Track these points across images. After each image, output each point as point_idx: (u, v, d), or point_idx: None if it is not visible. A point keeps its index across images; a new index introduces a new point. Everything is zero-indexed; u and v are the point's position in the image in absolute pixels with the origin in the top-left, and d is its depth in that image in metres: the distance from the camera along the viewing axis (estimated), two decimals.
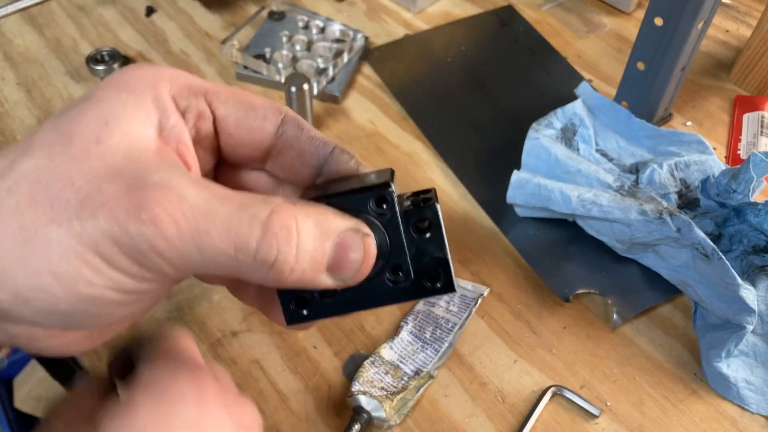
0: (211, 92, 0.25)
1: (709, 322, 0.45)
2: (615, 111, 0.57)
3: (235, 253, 0.21)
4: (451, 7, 0.73)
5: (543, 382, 0.43)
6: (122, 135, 0.21)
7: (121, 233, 0.20)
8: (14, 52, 0.67)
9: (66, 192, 0.20)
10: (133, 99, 0.23)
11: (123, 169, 0.21)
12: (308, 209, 0.22)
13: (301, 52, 0.65)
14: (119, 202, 0.20)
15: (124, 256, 0.20)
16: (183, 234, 0.20)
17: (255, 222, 0.21)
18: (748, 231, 0.48)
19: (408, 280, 0.26)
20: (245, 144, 0.26)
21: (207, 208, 0.20)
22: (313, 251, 0.22)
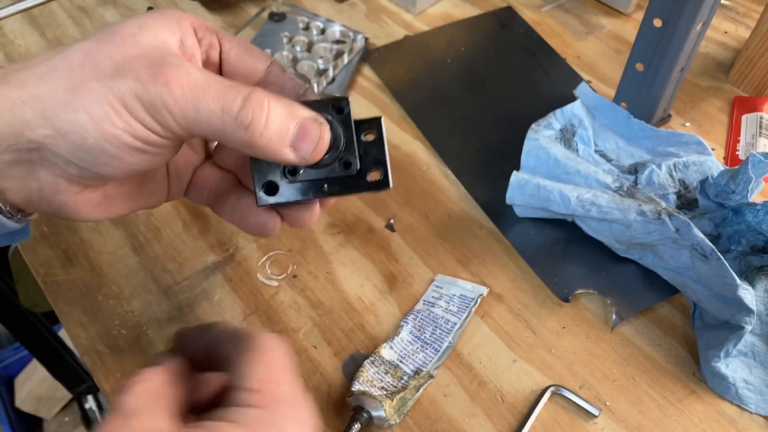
0: (222, 34, 0.34)
1: (707, 322, 0.45)
2: (614, 112, 0.57)
3: (221, 113, 0.28)
4: (450, 9, 0.73)
5: (542, 382, 0.44)
6: (153, 36, 0.29)
7: (143, 90, 0.27)
8: (15, 53, 0.67)
9: (106, 62, 0.28)
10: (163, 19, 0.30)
11: (150, 53, 0.28)
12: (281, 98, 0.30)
13: (302, 53, 0.65)
14: (144, 70, 0.28)
15: (142, 107, 0.28)
16: (186, 95, 0.28)
17: (239, 95, 0.28)
18: (747, 231, 0.48)
19: (355, 171, 0.33)
20: (241, 74, 0.34)
21: (206, 82, 0.28)
22: (280, 125, 0.29)
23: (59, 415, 1.21)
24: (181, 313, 0.47)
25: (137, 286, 0.48)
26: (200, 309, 0.47)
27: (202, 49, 0.33)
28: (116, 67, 0.28)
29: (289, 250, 0.51)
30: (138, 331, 0.46)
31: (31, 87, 0.28)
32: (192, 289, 0.48)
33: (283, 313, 0.47)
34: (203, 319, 0.47)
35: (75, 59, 0.28)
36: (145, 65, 0.28)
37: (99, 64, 0.28)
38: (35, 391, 1.18)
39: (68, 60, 0.28)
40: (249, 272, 0.49)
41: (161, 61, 0.28)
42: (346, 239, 0.51)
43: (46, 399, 1.19)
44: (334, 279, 0.49)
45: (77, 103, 0.27)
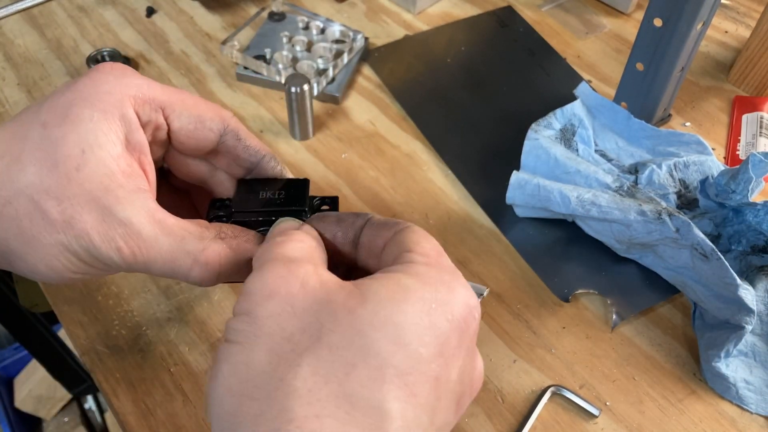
0: (168, 106, 0.32)
1: (708, 322, 0.45)
2: (614, 111, 0.57)
3: (171, 275, 0.30)
4: (450, 8, 0.73)
5: (542, 382, 0.44)
6: (97, 163, 0.28)
7: (95, 251, 0.28)
8: (15, 53, 0.67)
9: (53, 212, 0.27)
10: (104, 120, 0.29)
11: (98, 197, 0.28)
12: (232, 243, 0.31)
13: (301, 52, 0.65)
14: (94, 230, 0.28)
15: (96, 260, 0.29)
16: (137, 260, 0.29)
17: (188, 257, 0.29)
18: (747, 231, 0.48)
19: None
20: (191, 148, 0.34)
21: (156, 242, 0.29)
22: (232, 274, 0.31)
23: (59, 415, 1.21)
24: (180, 313, 0.47)
25: (137, 286, 0.48)
26: (200, 309, 0.47)
27: (148, 133, 0.31)
28: (65, 220, 0.28)
29: None
30: (137, 331, 0.46)
31: None
32: (192, 289, 0.48)
33: None
34: (203, 320, 0.47)
35: (21, 207, 0.28)
36: (95, 222, 0.28)
37: (46, 214, 0.27)
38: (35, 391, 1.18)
39: (12, 206, 0.28)
40: None
41: (110, 215, 0.28)
42: None
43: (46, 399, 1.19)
44: None
45: (31, 257, 0.28)
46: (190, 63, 0.66)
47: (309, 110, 0.57)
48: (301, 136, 0.59)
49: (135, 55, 0.67)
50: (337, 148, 0.58)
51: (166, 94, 0.32)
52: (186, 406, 0.42)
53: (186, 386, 0.43)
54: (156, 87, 0.32)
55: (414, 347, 0.23)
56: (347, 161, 0.57)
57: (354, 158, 0.57)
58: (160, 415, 0.42)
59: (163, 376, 0.44)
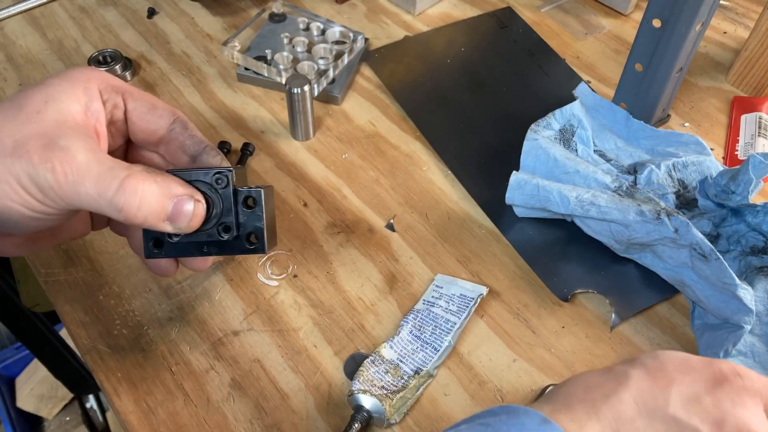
0: (127, 92, 0.37)
1: (707, 321, 0.45)
2: (613, 112, 0.57)
3: (98, 197, 0.32)
4: (450, 9, 0.73)
5: (542, 381, 0.44)
6: (55, 110, 0.32)
7: (33, 172, 0.31)
8: (16, 54, 0.67)
9: (8, 140, 0.31)
10: (70, 87, 0.34)
11: (48, 132, 0.32)
12: (158, 177, 0.33)
13: (302, 53, 0.65)
14: (36, 152, 0.31)
15: (34, 186, 0.31)
16: (68, 180, 0.31)
17: (115, 180, 0.32)
18: (746, 232, 0.48)
19: (233, 237, 0.37)
20: (144, 131, 0.37)
21: (87, 167, 0.31)
22: (155, 205, 0.33)
23: (60, 414, 1.21)
24: (181, 313, 0.47)
25: (138, 285, 0.48)
26: (201, 309, 0.47)
27: (107, 110, 0.36)
28: (15, 146, 0.31)
29: (289, 250, 0.51)
30: (139, 330, 0.46)
31: None
32: (193, 289, 0.48)
33: (284, 312, 0.47)
34: (204, 319, 0.47)
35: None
36: (38, 147, 0.31)
37: (2, 142, 0.31)
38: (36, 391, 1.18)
39: None
40: (249, 272, 0.49)
41: (53, 143, 0.31)
42: (347, 239, 0.52)
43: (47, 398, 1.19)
44: (334, 279, 0.49)
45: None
46: (191, 64, 0.66)
47: (309, 111, 0.57)
48: (302, 137, 0.59)
49: (136, 56, 0.67)
50: (337, 149, 0.58)
51: (127, 85, 0.37)
52: (187, 405, 0.42)
53: (187, 385, 0.43)
54: (120, 81, 0.37)
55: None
56: (347, 161, 0.57)
57: (354, 158, 0.58)
58: (161, 414, 0.42)
59: (165, 376, 0.44)
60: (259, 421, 0.42)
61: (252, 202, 0.37)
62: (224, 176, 0.36)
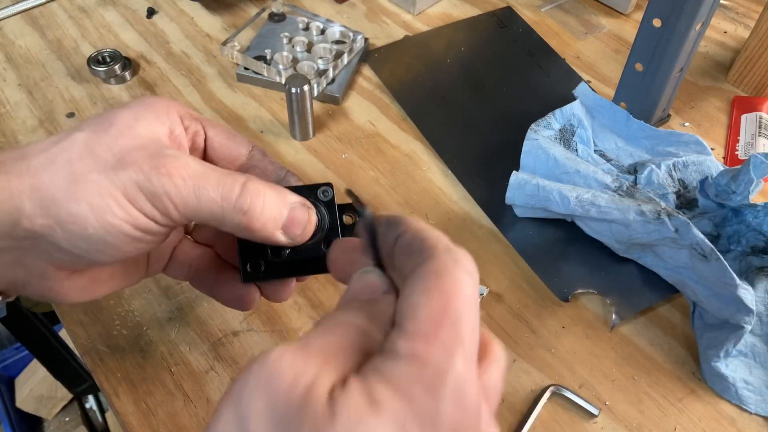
0: (206, 121, 0.36)
1: (707, 322, 0.45)
2: (613, 112, 0.57)
3: (221, 201, 0.30)
4: (450, 9, 0.73)
5: (542, 382, 0.44)
6: (146, 128, 0.31)
7: (145, 181, 0.29)
8: (16, 54, 0.67)
9: (106, 154, 0.29)
10: (155, 112, 0.32)
11: (147, 145, 0.30)
12: (273, 186, 0.32)
13: (302, 53, 0.65)
14: (145, 161, 0.29)
15: (144, 197, 0.29)
16: (188, 185, 0.29)
17: (236, 182, 0.30)
18: (747, 232, 0.48)
19: None
20: (225, 159, 0.36)
21: (204, 172, 0.30)
22: (274, 210, 0.31)
23: (60, 414, 1.21)
24: (181, 313, 0.47)
25: (138, 286, 0.48)
26: (200, 309, 0.47)
27: (189, 136, 0.34)
28: (116, 159, 0.29)
29: None
30: (138, 330, 0.46)
31: (29, 178, 0.29)
32: (192, 290, 0.48)
33: (284, 313, 0.47)
34: (203, 320, 0.47)
35: (74, 151, 0.29)
36: (145, 157, 0.29)
37: (99, 156, 0.29)
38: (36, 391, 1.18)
39: (67, 152, 0.29)
40: None
41: (160, 153, 0.30)
42: None
43: (47, 399, 1.19)
44: (334, 279, 0.49)
45: (78, 194, 0.28)
46: (190, 64, 0.66)
47: (309, 111, 0.57)
48: (302, 137, 0.59)
49: (136, 56, 0.67)
50: (337, 149, 0.58)
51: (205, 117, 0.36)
52: (187, 406, 0.42)
53: (187, 386, 0.43)
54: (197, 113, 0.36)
55: None
56: (347, 161, 0.57)
57: (354, 158, 0.57)
58: (161, 414, 0.42)
59: (164, 376, 0.44)
60: None
61: (353, 216, 0.36)
62: (330, 189, 0.35)
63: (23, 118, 0.61)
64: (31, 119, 0.61)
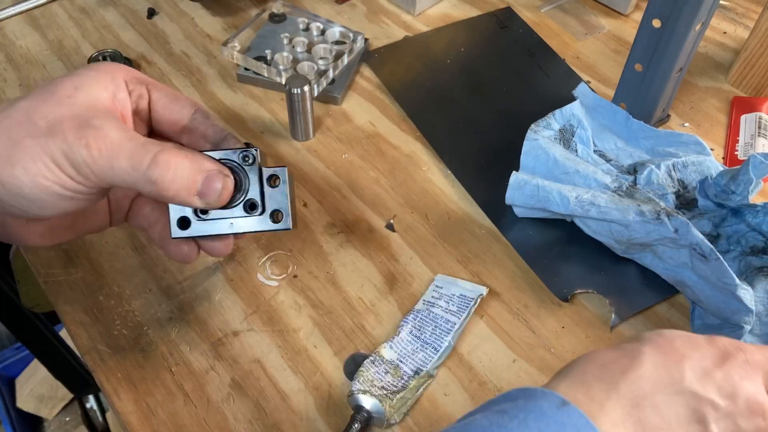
0: (151, 84, 0.38)
1: (707, 322, 0.45)
2: (613, 112, 0.57)
3: (132, 171, 0.33)
4: (450, 9, 0.73)
5: (542, 381, 0.44)
6: (86, 95, 0.34)
7: (68, 149, 0.32)
8: (16, 54, 0.67)
9: (41, 122, 0.32)
10: (99, 76, 0.35)
11: (80, 114, 0.33)
12: (189, 153, 0.35)
13: (302, 53, 0.65)
14: (70, 131, 0.32)
15: (68, 164, 0.32)
16: (102, 155, 0.32)
17: (148, 154, 0.33)
18: (746, 232, 0.48)
19: (259, 213, 0.38)
20: (167, 121, 0.39)
21: (120, 143, 0.33)
22: (187, 179, 0.34)
23: (60, 414, 1.21)
24: (181, 313, 0.47)
25: (138, 286, 0.48)
26: (201, 309, 0.47)
27: (132, 99, 0.37)
28: (49, 126, 0.32)
29: (289, 250, 0.51)
30: (139, 330, 0.46)
31: None
32: (193, 289, 0.48)
33: (284, 313, 0.47)
34: (204, 320, 0.47)
35: (14, 118, 0.32)
36: (72, 126, 0.32)
37: (35, 123, 0.32)
38: (36, 391, 1.18)
39: (9, 119, 0.32)
40: (249, 272, 0.49)
41: (86, 122, 0.32)
42: (347, 239, 0.52)
43: (47, 399, 1.19)
44: (334, 279, 0.49)
45: (14, 158, 0.32)
46: (190, 64, 0.66)
47: (309, 111, 0.57)
48: (302, 137, 0.59)
49: (136, 57, 0.67)
50: (337, 149, 0.59)
51: (151, 78, 0.38)
52: (187, 406, 0.42)
53: (187, 386, 0.43)
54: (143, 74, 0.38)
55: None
56: (347, 162, 0.57)
57: (354, 159, 0.58)
58: (161, 414, 0.42)
59: (164, 376, 0.44)
60: (259, 421, 0.42)
61: (276, 181, 0.38)
62: (251, 154, 0.37)
63: None
64: None
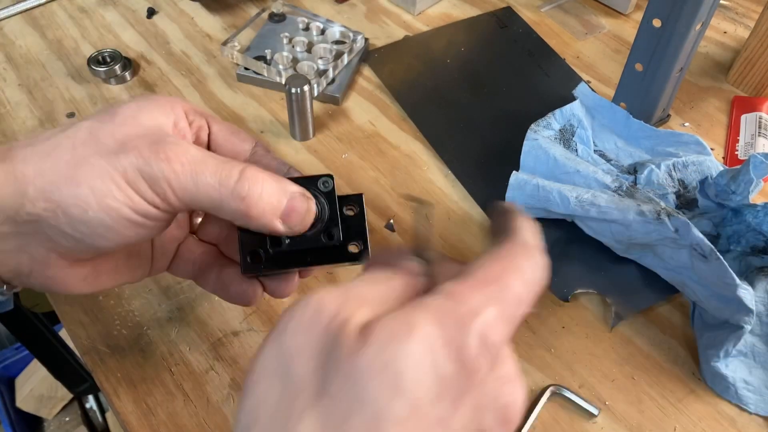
0: (210, 117, 0.36)
1: (707, 321, 0.45)
2: (613, 112, 0.57)
3: (219, 186, 0.30)
4: (450, 9, 0.73)
5: (542, 382, 0.44)
6: (150, 118, 0.32)
7: (144, 165, 0.29)
8: (16, 54, 0.67)
9: (108, 140, 0.30)
10: (159, 104, 0.33)
11: (149, 132, 0.31)
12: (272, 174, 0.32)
13: (302, 53, 0.65)
14: (145, 147, 0.29)
15: (144, 181, 0.29)
16: (185, 170, 0.29)
17: (235, 169, 0.30)
18: (747, 232, 0.48)
19: (337, 242, 0.35)
20: (229, 154, 0.36)
21: (203, 158, 0.30)
22: (273, 198, 0.31)
23: (60, 414, 1.21)
24: (181, 313, 0.47)
25: (137, 286, 0.48)
26: (201, 309, 0.47)
27: (193, 130, 0.35)
28: (118, 144, 0.30)
29: None
30: (138, 330, 0.46)
31: (33, 163, 0.29)
32: (192, 289, 0.48)
33: None
34: (203, 320, 0.47)
35: (78, 137, 0.30)
36: (146, 143, 0.30)
37: (101, 142, 0.30)
38: (36, 391, 1.18)
39: (71, 138, 0.30)
40: None
41: (161, 139, 0.30)
42: None
43: (47, 399, 1.19)
44: (334, 279, 0.49)
45: (80, 177, 0.29)
46: (190, 64, 0.66)
47: (309, 111, 0.57)
48: (302, 137, 0.59)
49: (136, 56, 0.67)
50: (337, 149, 0.58)
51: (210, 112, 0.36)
52: (187, 406, 0.42)
53: (187, 386, 0.43)
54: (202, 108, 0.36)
55: (412, 392, 0.20)
56: (347, 162, 0.57)
57: (354, 159, 0.57)
58: (161, 414, 0.42)
59: (164, 376, 0.44)
60: None
61: (353, 208, 0.36)
62: (330, 180, 0.35)
63: (23, 118, 0.61)
64: (31, 119, 0.61)
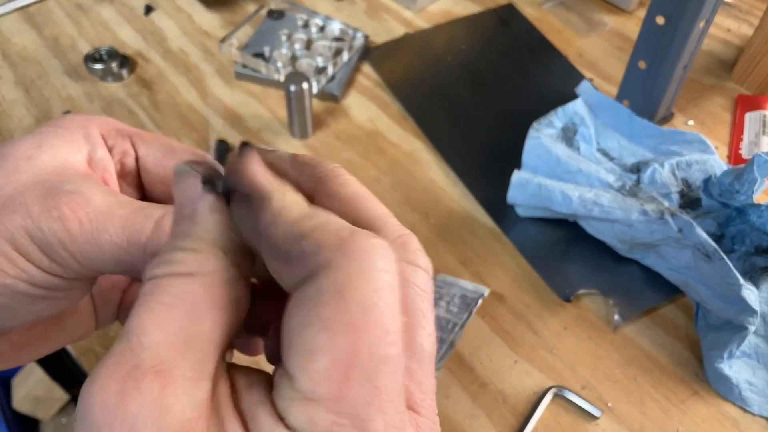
0: (136, 136, 0.28)
1: (710, 322, 0.45)
2: (616, 110, 0.57)
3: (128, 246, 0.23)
4: (451, 6, 0.73)
5: (544, 383, 0.43)
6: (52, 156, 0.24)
7: (34, 227, 0.23)
8: (12, 51, 0.67)
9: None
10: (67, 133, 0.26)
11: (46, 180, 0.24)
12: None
13: (301, 50, 0.65)
14: (35, 202, 0.23)
15: (36, 248, 0.23)
16: (84, 230, 0.23)
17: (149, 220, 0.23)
18: (751, 231, 0.47)
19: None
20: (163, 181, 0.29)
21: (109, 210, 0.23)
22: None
23: (57, 416, 1.21)
24: None
25: None
26: None
27: (115, 159, 0.28)
28: (3, 202, 0.23)
29: None
30: None
31: None
32: None
33: None
34: None
35: None
36: (37, 196, 0.23)
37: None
38: (32, 392, 1.18)
39: None
40: None
41: (56, 189, 0.23)
42: None
43: (44, 400, 1.18)
44: None
45: None
46: (188, 61, 0.66)
47: (308, 109, 0.56)
48: (301, 135, 0.58)
49: (133, 54, 0.66)
50: (336, 147, 0.58)
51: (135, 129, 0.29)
52: None
53: None
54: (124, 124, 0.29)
55: None
56: (347, 160, 0.57)
57: (354, 157, 0.57)
58: None
59: None
60: None
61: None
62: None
63: (20, 116, 0.60)
64: (27, 117, 0.60)
